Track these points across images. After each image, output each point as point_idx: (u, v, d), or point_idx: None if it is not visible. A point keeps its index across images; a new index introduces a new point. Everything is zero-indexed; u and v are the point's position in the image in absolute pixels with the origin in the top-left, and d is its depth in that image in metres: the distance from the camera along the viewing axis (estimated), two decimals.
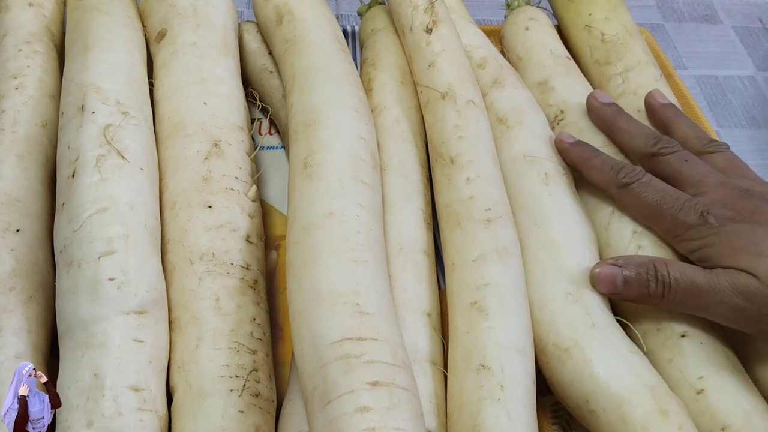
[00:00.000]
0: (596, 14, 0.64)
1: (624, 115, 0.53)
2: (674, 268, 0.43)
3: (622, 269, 0.44)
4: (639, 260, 0.44)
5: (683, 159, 0.48)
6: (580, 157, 0.51)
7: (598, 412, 0.41)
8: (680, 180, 0.47)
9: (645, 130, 0.51)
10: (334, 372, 0.37)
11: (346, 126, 0.48)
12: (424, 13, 0.57)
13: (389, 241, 0.49)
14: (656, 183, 0.47)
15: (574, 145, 0.52)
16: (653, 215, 0.46)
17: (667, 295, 0.43)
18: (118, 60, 0.51)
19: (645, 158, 0.50)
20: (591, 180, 0.50)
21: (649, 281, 0.43)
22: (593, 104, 0.55)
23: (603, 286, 0.44)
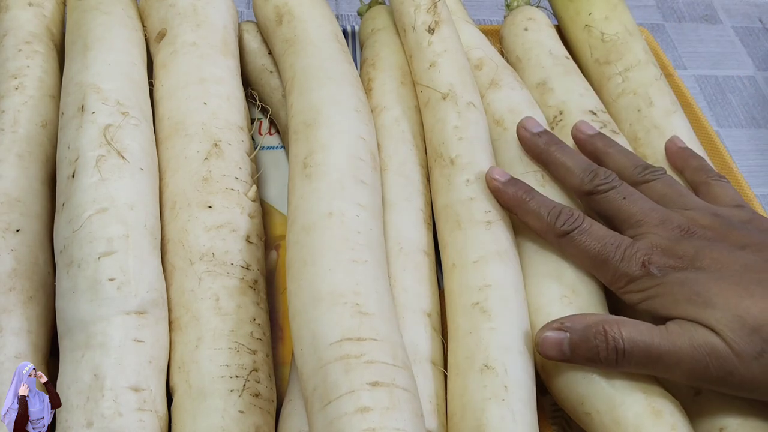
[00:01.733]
0: (596, 13, 0.64)
1: (556, 145, 0.50)
2: (627, 328, 0.40)
3: (568, 334, 0.40)
4: (587, 321, 0.40)
5: (621, 196, 0.45)
6: (513, 200, 0.47)
7: (592, 414, 0.41)
8: (620, 219, 0.45)
9: (580, 164, 0.48)
10: (334, 372, 0.37)
11: (346, 126, 0.48)
12: (427, 13, 0.57)
13: (389, 241, 0.49)
14: (596, 230, 0.44)
15: (507, 184, 0.47)
16: (596, 265, 0.44)
17: (620, 361, 0.39)
18: (118, 60, 0.51)
19: (583, 195, 0.48)
20: (528, 225, 0.47)
21: (598, 347, 0.40)
22: (523, 135, 0.51)
23: (549, 351, 0.41)
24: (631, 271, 0.42)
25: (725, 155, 0.62)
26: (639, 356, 0.39)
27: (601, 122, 0.56)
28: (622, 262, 0.42)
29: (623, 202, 0.45)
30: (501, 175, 0.48)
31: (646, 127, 0.57)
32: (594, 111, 0.57)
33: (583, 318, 0.41)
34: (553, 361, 0.41)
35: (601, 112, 0.58)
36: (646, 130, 0.57)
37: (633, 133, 0.58)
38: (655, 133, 0.57)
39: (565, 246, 0.45)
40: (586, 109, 0.57)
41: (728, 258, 0.41)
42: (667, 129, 0.56)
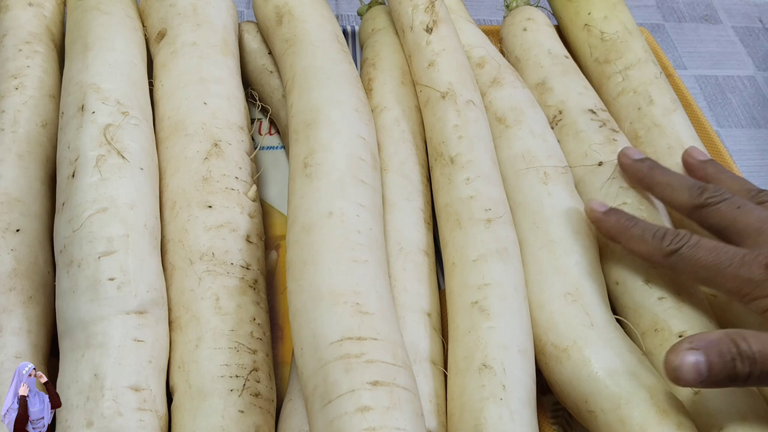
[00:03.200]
0: (595, 13, 0.64)
1: (660, 168, 0.49)
2: (753, 339, 0.37)
3: (702, 354, 0.37)
4: (713, 337, 0.38)
5: (735, 206, 0.44)
6: (616, 228, 0.46)
7: (596, 412, 0.41)
8: (735, 230, 0.43)
9: (686, 182, 0.47)
10: (335, 372, 0.37)
11: (347, 126, 0.48)
12: (425, 13, 0.57)
13: (389, 241, 0.49)
14: (706, 242, 0.42)
15: (608, 213, 0.47)
16: (712, 277, 0.41)
17: (754, 375, 0.37)
18: (118, 60, 0.51)
19: (693, 211, 0.46)
20: (633, 251, 0.46)
21: (734, 361, 0.37)
22: (625, 162, 0.51)
23: (688, 378, 0.37)
24: (755, 275, 0.40)
25: (725, 155, 0.62)
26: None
27: (601, 121, 0.56)
28: (743, 267, 0.40)
29: (738, 212, 0.43)
30: (600, 206, 0.47)
31: (646, 125, 0.57)
32: (593, 110, 0.57)
33: (705, 335, 0.38)
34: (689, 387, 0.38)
35: (600, 111, 0.58)
36: (646, 128, 0.57)
37: (633, 131, 0.58)
38: (655, 132, 0.57)
39: (675, 264, 0.43)
40: (586, 107, 0.57)
41: None
42: (668, 127, 0.56)
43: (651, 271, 0.47)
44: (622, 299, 0.48)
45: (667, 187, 0.48)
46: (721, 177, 0.49)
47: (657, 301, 0.46)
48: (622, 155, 0.51)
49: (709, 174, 0.50)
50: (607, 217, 0.47)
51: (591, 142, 0.54)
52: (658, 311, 0.45)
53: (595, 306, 0.45)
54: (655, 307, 0.46)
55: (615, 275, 0.48)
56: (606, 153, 0.53)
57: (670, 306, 0.45)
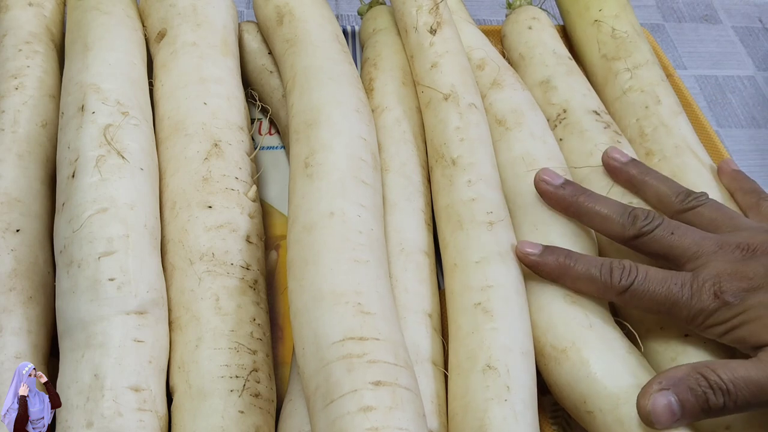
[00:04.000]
0: (607, 10, 0.65)
1: (584, 195, 0.47)
2: (721, 369, 0.37)
3: (672, 394, 0.37)
4: (680, 373, 0.38)
5: (669, 232, 0.43)
6: (557, 269, 0.44)
7: (595, 413, 0.41)
8: (673, 256, 0.43)
9: (615, 209, 0.46)
10: (337, 371, 0.37)
11: (347, 126, 0.48)
12: (429, 14, 0.57)
13: (390, 242, 0.49)
14: (653, 274, 0.42)
15: (544, 254, 0.45)
16: (666, 310, 0.41)
17: (728, 404, 0.37)
18: (118, 60, 0.51)
19: (628, 241, 0.45)
20: (580, 292, 0.45)
21: (706, 395, 0.37)
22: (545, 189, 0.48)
23: (662, 420, 0.37)
24: (705, 305, 0.40)
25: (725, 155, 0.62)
26: (744, 394, 0.37)
27: (605, 122, 0.56)
28: (693, 298, 0.40)
29: (672, 238, 0.43)
30: (532, 247, 0.45)
31: (653, 123, 0.57)
32: (597, 111, 0.57)
33: (673, 372, 0.38)
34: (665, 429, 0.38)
35: (603, 113, 0.58)
36: (653, 126, 0.57)
37: (639, 128, 0.58)
38: (662, 131, 0.56)
39: (628, 301, 0.43)
40: (590, 109, 0.57)
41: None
42: (674, 128, 0.56)
43: None
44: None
45: (596, 217, 0.46)
46: (646, 180, 0.49)
47: None
48: (539, 181, 0.48)
49: (634, 177, 0.49)
50: (543, 258, 0.45)
51: (596, 142, 0.54)
52: None
53: (594, 307, 0.45)
54: None
55: None
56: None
57: None
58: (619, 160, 0.50)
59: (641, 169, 0.50)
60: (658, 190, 0.48)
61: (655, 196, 0.48)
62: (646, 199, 0.49)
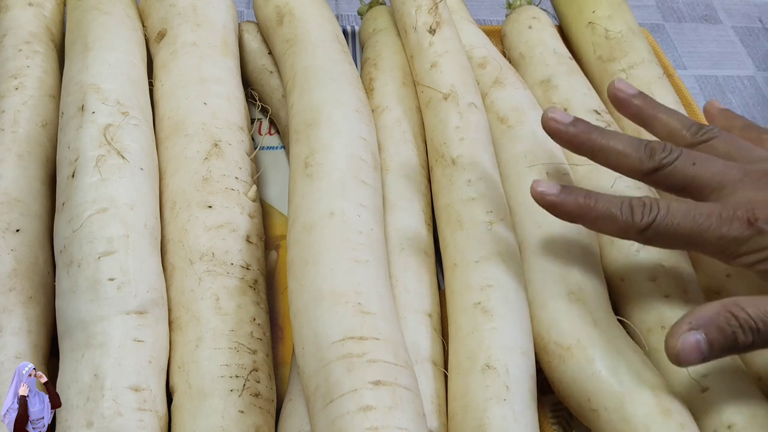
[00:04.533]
0: (600, 11, 0.64)
1: (597, 131, 0.44)
2: (750, 306, 0.37)
3: (701, 333, 0.37)
4: (710, 312, 0.37)
5: (691, 162, 0.41)
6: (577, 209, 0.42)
7: (599, 411, 0.41)
8: (696, 188, 0.41)
9: (631, 143, 0.43)
10: (337, 371, 0.37)
11: (347, 126, 0.48)
12: (428, 14, 0.57)
13: (390, 242, 0.49)
14: (676, 207, 0.40)
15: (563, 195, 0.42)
16: (694, 242, 0.39)
17: (756, 341, 0.37)
18: (118, 60, 0.51)
19: (646, 175, 0.42)
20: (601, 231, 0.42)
21: (735, 333, 0.36)
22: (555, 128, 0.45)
23: (690, 358, 0.37)
24: (739, 233, 0.38)
25: None
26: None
27: (605, 122, 0.56)
28: (722, 227, 0.38)
29: (695, 168, 0.41)
30: (549, 187, 0.42)
31: None
32: (597, 110, 0.57)
33: (701, 312, 0.37)
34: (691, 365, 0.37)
35: (604, 113, 0.58)
36: None
37: (636, 129, 0.58)
38: None
39: (651, 238, 0.40)
40: (590, 108, 0.57)
41: None
42: None
43: (657, 269, 0.47)
44: (627, 296, 0.48)
45: (611, 153, 0.43)
46: (655, 114, 0.46)
47: (663, 298, 0.46)
48: (548, 120, 0.45)
49: (643, 111, 0.47)
50: (563, 198, 0.42)
51: None
52: (664, 308, 0.45)
53: (598, 305, 0.45)
54: (662, 304, 0.46)
55: (620, 272, 0.48)
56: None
57: (677, 303, 0.45)
58: (626, 91, 0.47)
59: (650, 102, 0.47)
60: (668, 123, 0.45)
61: (666, 129, 0.46)
62: (655, 134, 0.47)
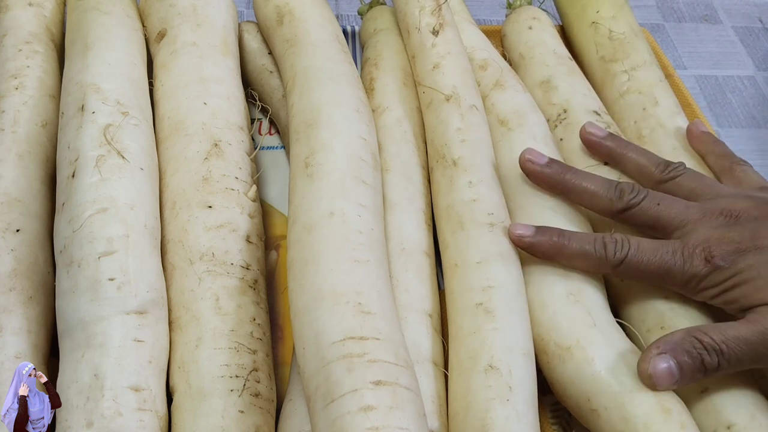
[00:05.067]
0: (603, 11, 0.64)
1: (570, 173, 0.48)
2: (713, 332, 0.40)
3: (671, 357, 0.39)
4: (677, 338, 0.40)
5: (656, 203, 0.45)
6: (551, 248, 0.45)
7: (599, 411, 0.41)
8: (661, 226, 0.45)
9: (602, 184, 0.47)
10: (337, 371, 0.37)
11: (347, 126, 0.48)
12: (431, 15, 0.57)
13: (391, 242, 0.49)
14: (645, 245, 0.43)
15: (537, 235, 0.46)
16: (660, 278, 0.43)
17: (722, 363, 0.39)
18: (118, 60, 0.51)
19: (616, 215, 0.46)
20: (576, 268, 0.46)
21: (701, 355, 0.39)
22: (531, 168, 0.48)
23: (663, 382, 0.39)
24: (698, 270, 0.41)
25: None
26: (736, 352, 0.39)
27: (605, 123, 0.56)
28: (685, 265, 0.42)
29: (659, 209, 0.45)
30: (525, 229, 0.46)
31: (651, 125, 0.57)
32: (597, 111, 0.57)
33: (669, 337, 0.40)
34: (665, 389, 0.40)
35: (604, 114, 0.58)
36: (651, 128, 0.57)
37: (637, 130, 0.58)
38: (660, 132, 0.57)
39: (623, 273, 0.44)
40: (590, 109, 0.57)
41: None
42: (672, 129, 0.56)
43: None
44: (626, 297, 0.48)
45: (584, 193, 0.47)
46: (625, 153, 0.50)
47: (663, 299, 0.46)
48: (525, 161, 0.48)
49: (613, 151, 0.50)
50: (536, 238, 0.45)
51: None
52: (664, 309, 0.46)
53: (597, 306, 0.45)
54: (662, 305, 0.46)
55: None
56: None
57: (676, 304, 0.45)
58: (597, 134, 0.51)
59: (620, 142, 0.51)
60: (638, 162, 0.49)
61: (635, 168, 0.49)
62: (625, 172, 0.51)
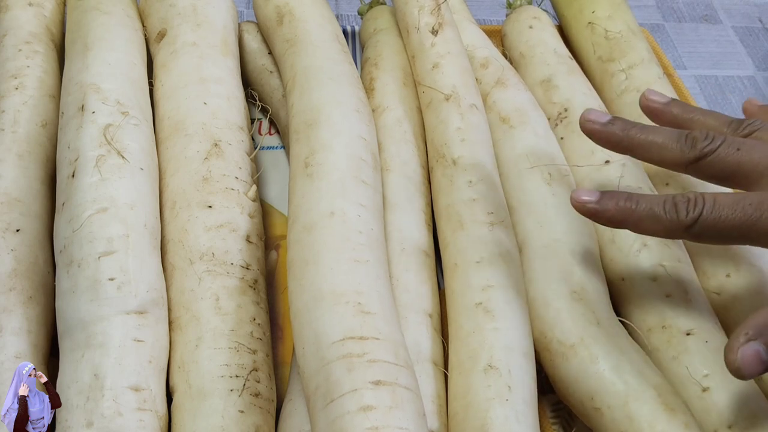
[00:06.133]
0: (599, 11, 0.64)
1: (635, 127, 0.44)
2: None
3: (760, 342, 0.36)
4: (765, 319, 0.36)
5: (735, 148, 0.40)
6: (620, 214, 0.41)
7: (603, 409, 0.41)
8: (743, 174, 0.39)
9: (670, 135, 0.42)
10: (337, 371, 0.37)
11: (347, 126, 0.49)
12: (431, 15, 0.57)
13: (391, 242, 0.49)
14: (722, 199, 0.38)
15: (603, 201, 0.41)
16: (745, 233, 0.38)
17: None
18: (118, 60, 0.51)
19: (689, 165, 0.41)
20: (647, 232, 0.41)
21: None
22: (593, 128, 0.45)
23: (752, 369, 0.36)
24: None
25: None
26: None
27: None
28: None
29: (739, 154, 0.39)
30: (589, 194, 0.41)
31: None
32: None
33: (755, 320, 0.36)
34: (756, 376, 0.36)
35: None
36: None
37: None
38: None
39: (698, 233, 0.39)
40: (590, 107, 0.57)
41: None
42: None
43: (657, 269, 0.47)
44: (628, 296, 0.48)
45: (652, 146, 0.42)
46: (693, 117, 0.45)
47: (664, 298, 0.46)
48: (586, 121, 0.45)
49: (678, 116, 0.46)
50: (603, 205, 0.41)
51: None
52: (665, 308, 0.46)
53: (600, 304, 0.45)
54: (663, 304, 0.46)
55: (621, 272, 0.48)
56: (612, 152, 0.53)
57: (677, 304, 0.45)
58: (659, 101, 0.47)
59: (684, 107, 0.46)
60: (706, 124, 0.44)
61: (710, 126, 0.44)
62: None
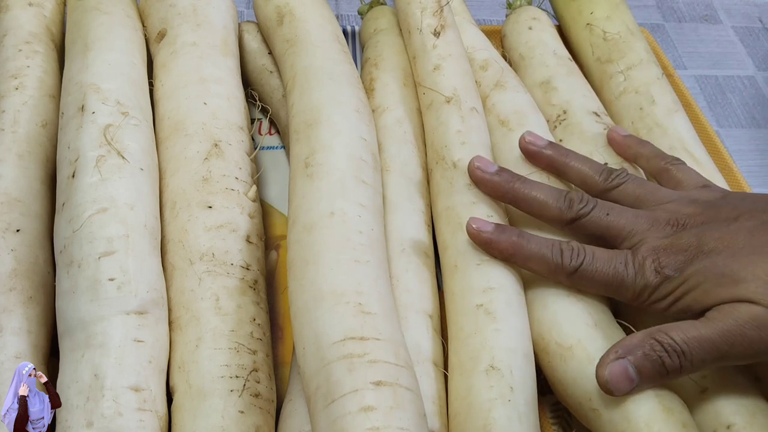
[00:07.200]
0: (598, 12, 0.64)
1: (519, 181, 0.47)
2: (674, 331, 0.39)
3: (628, 361, 0.38)
4: (636, 340, 0.39)
5: (605, 213, 0.45)
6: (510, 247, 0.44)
7: (600, 410, 0.41)
8: (610, 236, 0.44)
9: (552, 193, 0.46)
10: (338, 371, 0.37)
11: (348, 126, 0.49)
12: (433, 16, 0.57)
13: (391, 242, 0.49)
14: (600, 254, 0.43)
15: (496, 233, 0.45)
16: (613, 289, 0.43)
17: (684, 365, 0.38)
18: (118, 60, 0.51)
19: (566, 224, 0.46)
20: (531, 270, 0.45)
21: (662, 358, 0.38)
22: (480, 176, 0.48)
23: (620, 386, 0.39)
24: (649, 281, 0.41)
25: (725, 155, 0.62)
26: (698, 352, 0.38)
27: (604, 124, 0.56)
28: (637, 276, 0.42)
29: (608, 219, 0.45)
30: (485, 225, 0.45)
31: (648, 125, 0.57)
32: (597, 113, 0.57)
33: (628, 341, 0.39)
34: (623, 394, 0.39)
35: (603, 115, 0.58)
36: (648, 128, 0.57)
37: (635, 131, 0.58)
38: (657, 132, 0.57)
39: (578, 281, 0.44)
40: (590, 110, 0.57)
41: (730, 233, 0.41)
42: (670, 128, 0.57)
43: None
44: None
45: (533, 202, 0.47)
46: (567, 162, 0.49)
47: None
48: (473, 168, 0.48)
49: (555, 160, 0.50)
50: (497, 236, 0.45)
51: (596, 143, 0.54)
52: None
53: (597, 306, 0.45)
54: None
55: None
56: (611, 155, 0.53)
57: None
58: (537, 144, 0.51)
59: (561, 151, 0.50)
60: (580, 171, 0.49)
61: (579, 177, 0.49)
62: (570, 180, 0.50)
